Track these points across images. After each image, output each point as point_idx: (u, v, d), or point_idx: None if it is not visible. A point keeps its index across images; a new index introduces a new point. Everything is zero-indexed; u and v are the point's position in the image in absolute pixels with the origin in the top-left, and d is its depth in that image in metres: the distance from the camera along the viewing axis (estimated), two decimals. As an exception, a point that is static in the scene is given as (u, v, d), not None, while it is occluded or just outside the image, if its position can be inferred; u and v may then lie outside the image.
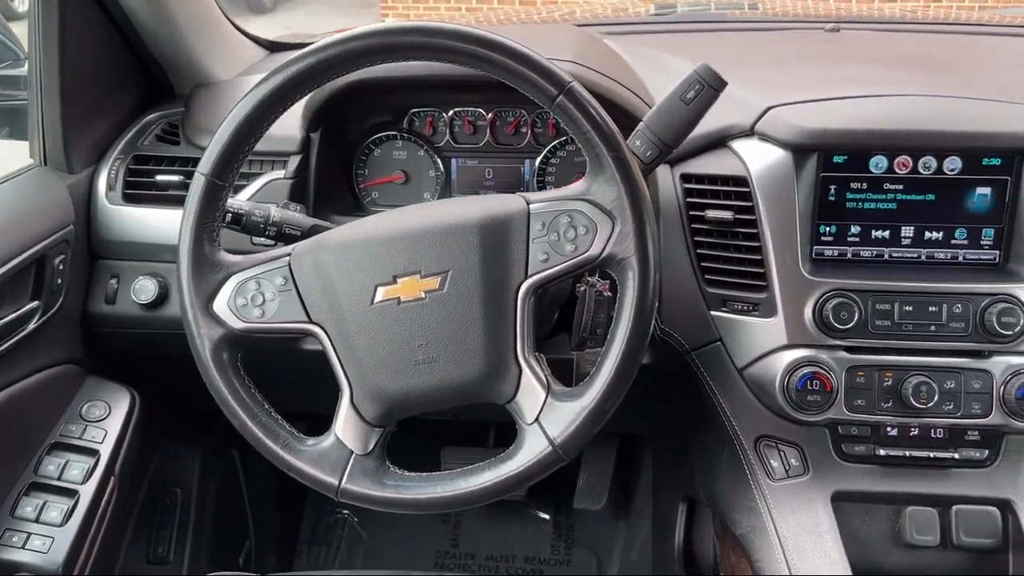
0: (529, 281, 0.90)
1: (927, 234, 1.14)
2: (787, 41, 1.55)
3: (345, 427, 0.93)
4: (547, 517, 2.06)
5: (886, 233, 1.15)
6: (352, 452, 0.92)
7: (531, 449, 0.90)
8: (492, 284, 0.90)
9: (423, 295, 0.90)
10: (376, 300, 0.91)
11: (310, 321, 0.93)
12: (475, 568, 1.98)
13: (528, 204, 0.92)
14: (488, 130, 1.36)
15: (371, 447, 0.93)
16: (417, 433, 1.84)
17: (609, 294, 1.13)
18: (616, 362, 0.88)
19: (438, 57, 0.90)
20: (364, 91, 1.25)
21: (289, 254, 0.95)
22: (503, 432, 2.03)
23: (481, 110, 1.35)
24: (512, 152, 1.37)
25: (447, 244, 0.90)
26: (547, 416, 0.90)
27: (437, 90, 1.33)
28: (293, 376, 1.20)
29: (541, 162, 1.35)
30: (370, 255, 0.92)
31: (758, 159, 1.14)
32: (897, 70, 1.30)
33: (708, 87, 0.96)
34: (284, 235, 1.09)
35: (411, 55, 0.91)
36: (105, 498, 1.25)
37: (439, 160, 1.38)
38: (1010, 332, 1.07)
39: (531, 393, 0.90)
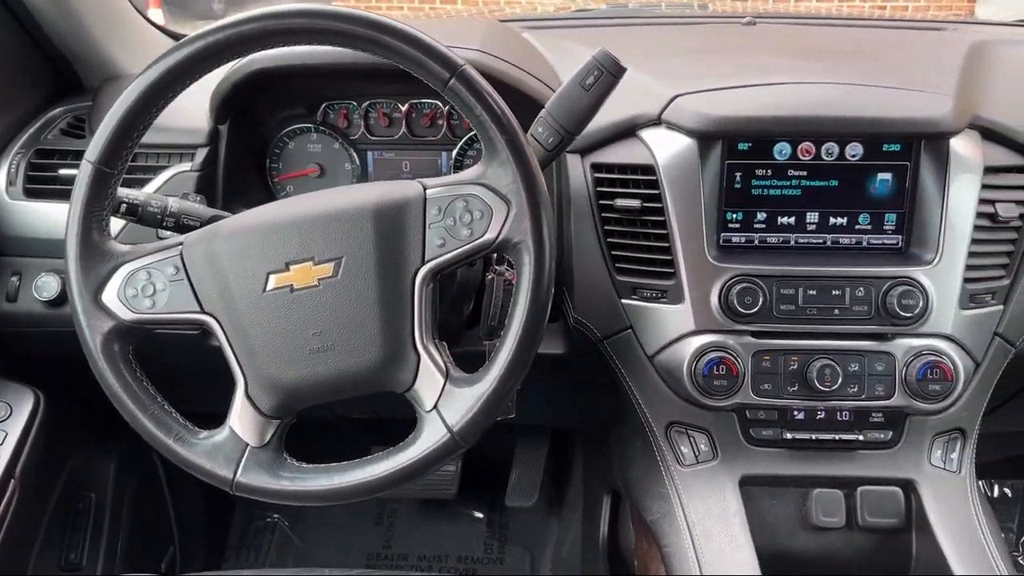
0: (426, 267, 0.89)
1: (831, 220, 1.16)
2: (703, 34, 1.57)
3: (240, 419, 0.91)
4: (480, 516, 2.05)
5: (791, 219, 1.16)
6: (247, 445, 0.91)
7: (429, 437, 0.89)
8: (388, 270, 0.89)
9: (316, 282, 0.89)
10: (268, 288, 0.89)
11: (202, 311, 0.91)
12: (408, 568, 1.96)
13: (425, 189, 0.91)
14: (404, 122, 1.35)
15: (267, 439, 0.92)
16: (347, 433, 1.83)
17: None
18: (513, 346, 0.88)
19: (329, 40, 0.89)
20: (273, 81, 1.23)
21: (181, 243, 0.93)
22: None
23: (396, 102, 1.34)
24: (428, 144, 1.36)
25: (341, 230, 0.89)
26: (445, 403, 0.89)
27: (351, 82, 1.32)
28: (200, 375, 1.18)
29: (457, 154, 1.34)
30: (262, 242, 0.90)
31: (665, 147, 1.14)
32: (803, 60, 1.31)
33: (607, 73, 0.96)
34: (183, 226, 1.06)
35: (301, 39, 0.89)
36: (5, 502, 1.21)
37: (355, 153, 1.36)
38: (910, 315, 1.09)
39: (429, 380, 0.89)
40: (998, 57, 1.32)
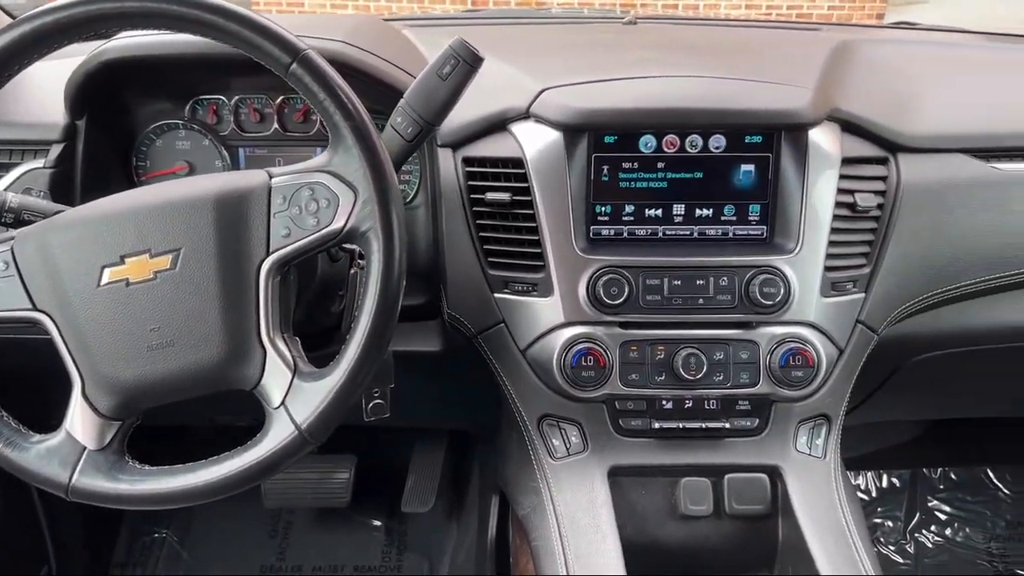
0: (271, 258, 0.87)
1: (698, 211, 1.17)
2: (583, 32, 1.58)
3: (76, 421, 0.87)
4: (378, 524, 2.01)
5: (659, 211, 1.17)
6: (84, 448, 0.86)
7: (276, 435, 0.86)
8: (230, 262, 0.86)
9: (153, 275, 0.85)
10: (103, 282, 0.85)
11: (34, 308, 0.87)
12: None
13: (271, 178, 0.88)
14: (275, 118, 1.31)
15: (107, 441, 0.87)
16: (239, 440, 1.78)
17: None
18: (363, 338, 0.86)
19: (164, 24, 0.85)
20: (136, 74, 1.19)
21: (12, 237, 0.88)
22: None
23: (267, 97, 1.31)
24: (302, 140, 1.33)
25: (179, 221, 0.86)
26: (293, 399, 0.86)
27: (220, 76, 1.28)
28: (35, 377, 1.12)
29: None
30: (96, 234, 0.86)
31: (533, 141, 1.14)
32: (673, 56, 1.33)
33: (463, 62, 0.95)
34: (24, 222, 1.01)
35: (136, 23, 0.86)
36: None
37: (225, 150, 1.32)
38: (771, 302, 1.10)
39: (277, 376, 0.87)
40: (862, 55, 1.36)
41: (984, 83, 1.36)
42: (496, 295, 1.16)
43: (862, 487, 2.15)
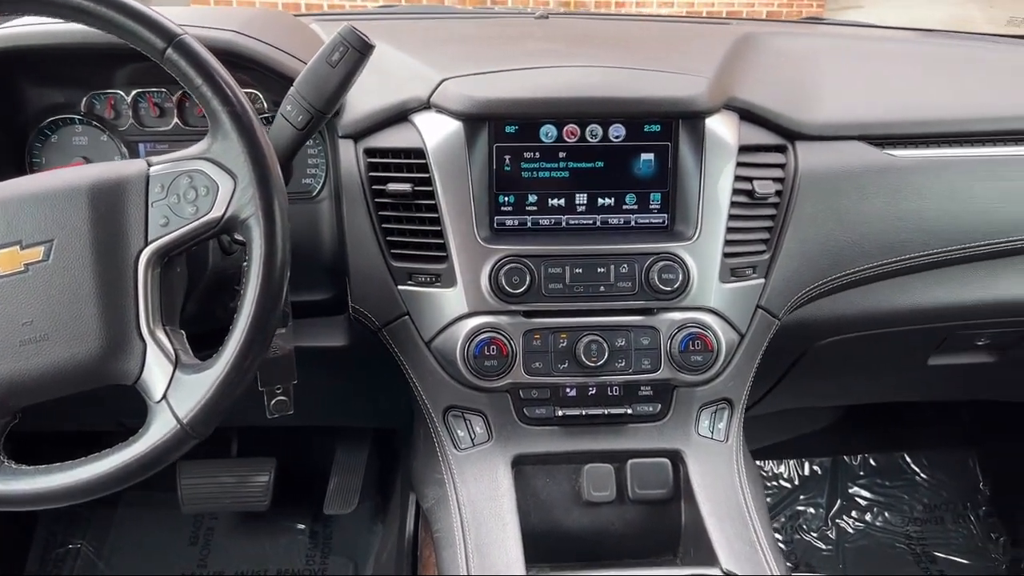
0: (150, 248, 0.85)
1: (600, 200, 1.17)
2: (492, 26, 1.58)
3: None
4: (303, 527, 1.98)
5: (562, 201, 1.17)
6: None
7: (158, 430, 0.84)
8: (106, 252, 0.84)
9: (24, 267, 0.83)
10: None
11: None
12: None
13: (149, 167, 0.86)
14: (176, 112, 1.29)
15: None
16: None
17: (282, 270, 1.09)
18: (245, 328, 0.84)
19: (34, 10, 0.84)
20: (24, 66, 1.15)
21: None
22: (247, 439, 1.94)
23: (167, 91, 1.28)
24: (203, 135, 1.30)
25: (52, 211, 0.83)
26: (175, 393, 0.84)
27: (111, 68, 1.25)
28: None
29: None
30: None
31: (434, 131, 1.13)
32: (578, 48, 1.34)
33: (352, 49, 0.95)
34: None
35: (3, 8, 0.83)
36: None
37: (124, 146, 1.29)
38: (670, 288, 1.12)
39: (158, 369, 0.85)
40: (764, 46, 1.38)
41: (882, 73, 1.39)
42: (400, 287, 1.15)
43: (785, 475, 2.19)
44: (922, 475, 2.22)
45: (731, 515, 1.07)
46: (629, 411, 1.14)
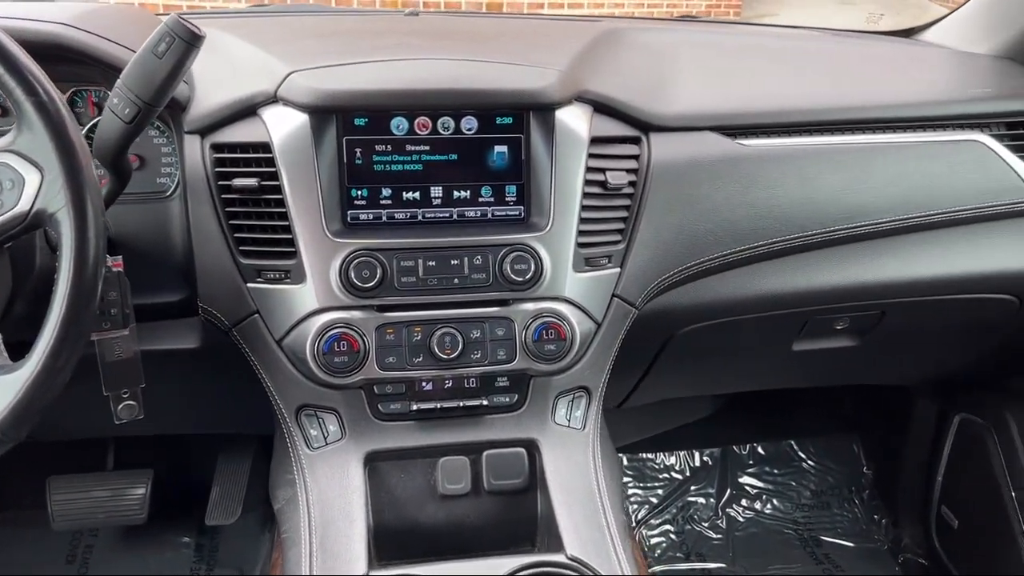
0: None
1: (455, 193, 1.17)
2: (357, 22, 1.57)
3: None
4: (187, 540, 1.93)
5: (416, 194, 1.16)
6: None
7: None
8: None
9: None
10: None
11: None
12: None
13: None
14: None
15: None
16: (19, 461, 1.66)
17: (120, 270, 1.06)
18: (56, 327, 0.81)
19: None
20: None
21: None
22: (126, 450, 1.88)
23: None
24: None
25: None
26: None
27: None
28: None
29: None
30: None
31: (281, 125, 1.12)
32: (430, 41, 1.34)
33: (179, 39, 0.92)
34: None
35: None
36: None
37: None
38: (522, 279, 1.12)
39: None
40: (624, 41, 1.40)
41: (738, 67, 1.43)
42: (249, 285, 1.13)
43: (676, 467, 2.22)
44: (809, 462, 2.27)
45: (582, 501, 1.07)
46: (485, 402, 1.14)
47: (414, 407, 1.12)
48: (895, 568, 2.09)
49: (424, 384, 1.13)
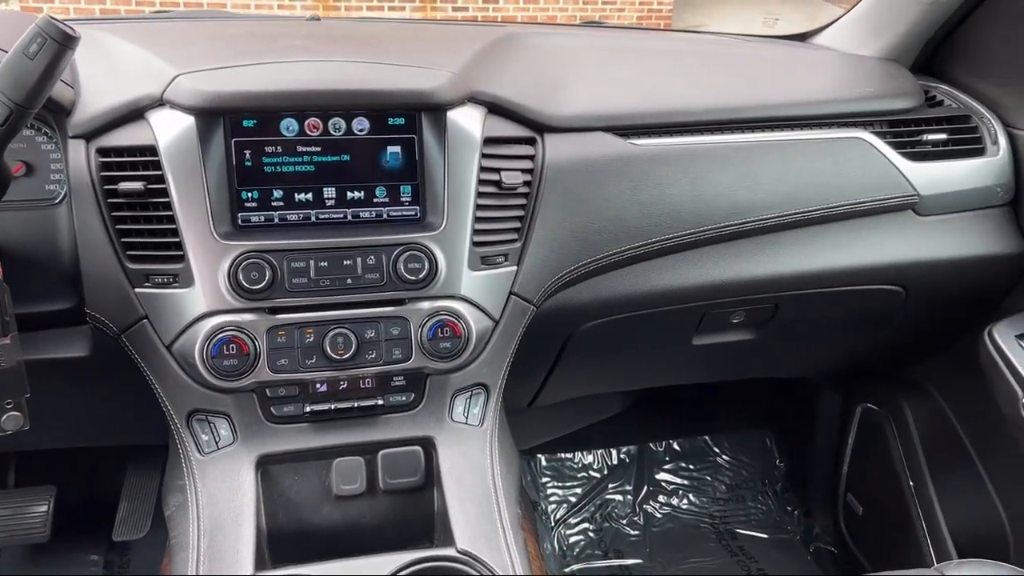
0: None
1: (349, 194, 1.17)
2: (256, 27, 1.55)
3: None
4: (96, 557, 1.88)
5: (309, 196, 1.16)
6: None
7: None
8: None
9: None
10: None
11: None
12: None
13: None
14: None
15: None
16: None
17: None
18: None
19: None
20: None
21: None
22: (28, 467, 1.83)
23: None
24: None
25: None
26: None
27: None
28: None
29: None
30: None
31: (167, 128, 1.10)
32: (322, 44, 1.33)
33: (51, 40, 0.91)
34: None
35: None
36: None
37: None
38: (415, 278, 1.12)
39: None
40: (522, 45, 1.42)
41: (633, 69, 1.46)
42: (137, 290, 1.11)
43: (594, 466, 2.25)
44: (723, 457, 2.33)
45: (476, 497, 1.08)
46: (381, 402, 1.14)
47: (307, 409, 1.12)
48: (807, 557, 2.15)
49: (318, 385, 1.12)
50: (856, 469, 2.04)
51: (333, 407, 1.12)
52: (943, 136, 1.48)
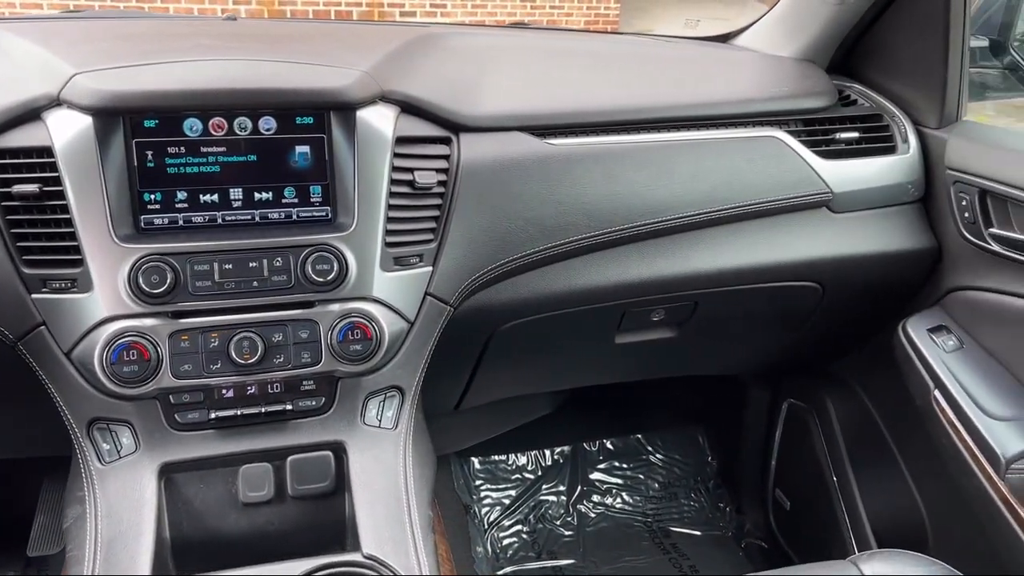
0: None
1: (257, 195, 1.15)
2: (168, 26, 1.52)
3: None
4: (11, 574, 1.81)
5: (215, 197, 1.13)
6: None
7: None
8: None
9: None
10: None
11: None
12: None
13: None
14: None
15: None
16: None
17: None
18: None
19: None
20: None
21: None
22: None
23: None
24: None
25: None
26: None
27: None
28: None
29: None
30: None
31: (64, 129, 1.07)
32: (231, 43, 1.30)
33: None
34: None
35: None
36: None
37: None
38: (324, 279, 1.11)
39: None
40: (438, 44, 1.41)
41: (551, 70, 1.46)
42: (34, 295, 1.07)
43: (528, 467, 2.25)
44: (657, 455, 2.34)
45: (385, 501, 1.07)
46: (289, 407, 1.12)
47: (213, 415, 1.09)
48: (739, 554, 2.17)
49: (224, 391, 1.10)
50: (783, 465, 2.06)
51: (240, 413, 1.10)
52: (856, 135, 1.51)
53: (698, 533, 2.21)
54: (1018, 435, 1.30)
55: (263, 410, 1.10)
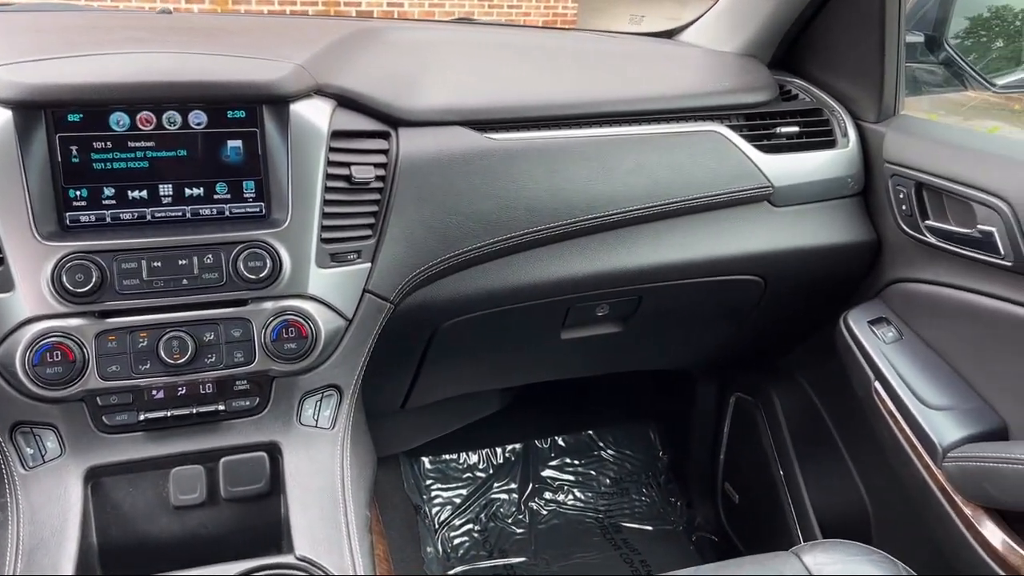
0: None
1: (187, 191, 1.12)
2: (93, 19, 1.47)
3: None
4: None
5: (144, 193, 1.10)
6: None
7: None
8: None
9: None
10: None
11: None
12: None
13: None
14: None
15: None
16: None
17: None
18: None
19: None
20: None
21: None
22: None
23: None
24: None
25: None
26: None
27: None
28: None
29: None
30: None
31: (-17, 122, 1.03)
32: (162, 36, 1.27)
33: None
34: None
35: None
36: None
37: None
38: (256, 277, 1.08)
39: None
40: (377, 38, 1.39)
41: (491, 63, 1.45)
42: None
43: (480, 466, 2.23)
44: (608, 451, 2.34)
45: (320, 501, 1.05)
46: (222, 408, 1.09)
47: (142, 417, 1.06)
48: (690, 548, 2.18)
49: (154, 392, 1.07)
50: (732, 459, 2.08)
51: (170, 414, 1.07)
52: (796, 129, 1.52)
53: (649, 528, 2.21)
54: (954, 424, 1.32)
55: (195, 411, 1.08)
